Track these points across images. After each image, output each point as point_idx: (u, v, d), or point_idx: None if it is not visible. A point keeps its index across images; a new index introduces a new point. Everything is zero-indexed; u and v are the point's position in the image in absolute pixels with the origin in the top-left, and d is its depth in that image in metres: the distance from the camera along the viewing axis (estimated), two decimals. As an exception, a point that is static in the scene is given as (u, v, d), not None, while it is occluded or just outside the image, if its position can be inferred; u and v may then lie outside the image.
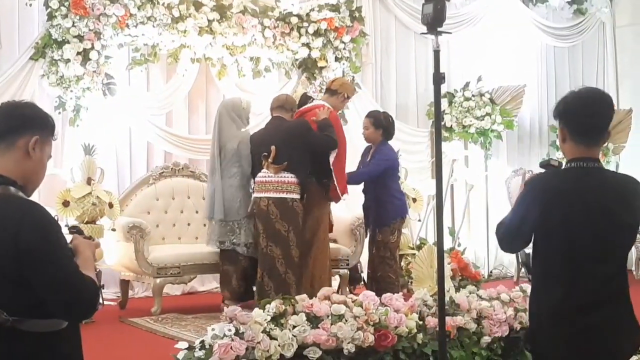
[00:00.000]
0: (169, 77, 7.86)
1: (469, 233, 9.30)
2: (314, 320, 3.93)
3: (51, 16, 6.81)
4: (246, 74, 7.95)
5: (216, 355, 3.61)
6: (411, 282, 6.14)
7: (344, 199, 6.42)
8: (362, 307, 4.10)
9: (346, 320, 3.98)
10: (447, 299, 4.36)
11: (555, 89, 10.25)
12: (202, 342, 3.72)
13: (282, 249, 6.01)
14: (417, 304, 4.39)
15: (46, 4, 6.82)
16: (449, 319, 4.21)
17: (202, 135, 7.91)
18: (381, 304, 4.26)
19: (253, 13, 7.72)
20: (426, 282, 5.26)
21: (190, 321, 6.21)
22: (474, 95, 9.11)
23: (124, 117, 7.44)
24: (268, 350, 3.68)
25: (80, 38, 6.85)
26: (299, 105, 6.53)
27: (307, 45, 8.04)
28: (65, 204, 6.32)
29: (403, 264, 7.20)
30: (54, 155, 2.81)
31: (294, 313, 3.94)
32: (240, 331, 3.73)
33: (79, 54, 6.85)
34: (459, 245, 8.40)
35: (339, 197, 6.32)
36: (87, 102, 6.97)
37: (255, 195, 6.20)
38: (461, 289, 5.04)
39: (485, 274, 8.78)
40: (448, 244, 8.04)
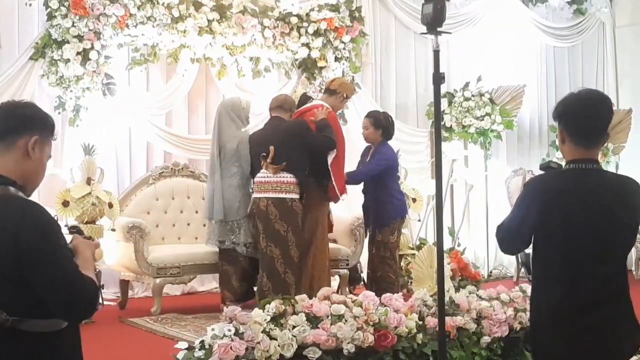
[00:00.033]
0: (169, 77, 7.85)
1: (468, 233, 9.30)
2: (313, 321, 3.93)
3: (51, 16, 6.81)
4: (246, 74, 7.94)
5: (216, 355, 3.61)
6: (411, 282, 6.14)
7: (342, 199, 6.41)
8: (362, 307, 4.10)
9: (346, 321, 3.97)
10: (447, 299, 4.36)
11: (555, 89, 10.25)
12: (202, 342, 3.72)
13: (281, 249, 6.01)
14: (417, 304, 4.39)
15: (46, 4, 6.82)
16: (448, 319, 4.21)
17: (201, 135, 7.90)
18: (381, 304, 4.26)
19: (253, 13, 7.71)
20: (426, 282, 5.25)
21: (190, 321, 6.20)
22: (473, 95, 9.11)
23: (123, 117, 7.44)
24: (268, 351, 3.68)
25: (80, 38, 6.85)
26: (298, 105, 6.53)
27: (307, 45, 8.04)
28: (65, 204, 6.32)
29: (403, 264, 7.19)
30: (54, 155, 2.81)
31: (294, 313, 3.94)
32: (240, 331, 3.73)
33: (78, 54, 6.84)
34: (459, 245, 8.41)
35: (337, 197, 6.32)
36: (87, 102, 6.97)
37: (254, 195, 6.20)
38: (461, 289, 5.03)
39: (485, 274, 8.77)
40: (448, 244, 8.05)
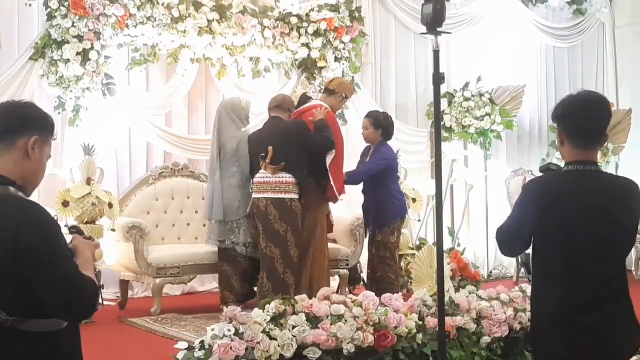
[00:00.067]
0: (169, 77, 7.85)
1: (468, 233, 9.30)
2: (313, 321, 3.93)
3: (51, 16, 6.81)
4: (246, 74, 7.94)
5: (215, 355, 3.61)
6: (411, 282, 6.14)
7: (341, 199, 6.42)
8: (362, 307, 4.09)
9: (346, 321, 3.97)
10: (447, 299, 4.36)
11: (555, 89, 10.25)
12: (202, 342, 3.72)
13: (280, 249, 6.01)
14: (417, 304, 4.39)
15: (46, 4, 6.82)
16: (448, 319, 4.21)
17: (201, 135, 7.90)
18: (381, 304, 4.25)
19: (252, 13, 7.71)
20: (426, 282, 5.25)
21: (190, 321, 6.20)
22: (473, 96, 9.11)
23: (123, 117, 7.44)
24: (267, 351, 3.68)
25: (80, 38, 6.85)
26: (298, 105, 6.52)
27: (307, 45, 8.04)
28: (65, 204, 6.32)
29: (402, 264, 7.19)
30: (54, 155, 2.81)
31: (294, 313, 3.94)
32: (240, 331, 3.72)
33: (78, 54, 6.84)
34: (459, 245, 8.41)
35: (336, 197, 6.31)
36: (87, 102, 6.97)
37: (253, 195, 6.20)
38: (461, 289, 5.03)
39: (484, 274, 8.77)
40: (447, 244, 8.06)
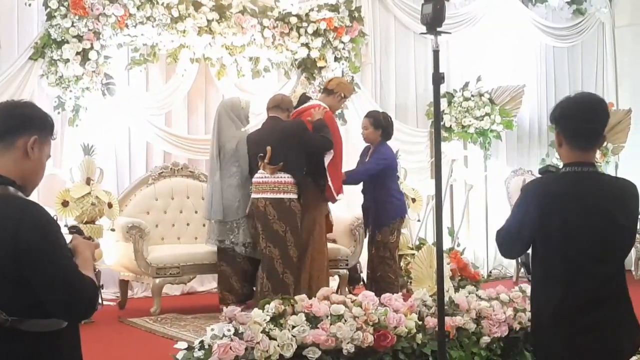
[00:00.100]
0: (168, 77, 7.85)
1: (468, 233, 9.30)
2: (313, 321, 3.93)
3: (50, 16, 6.80)
4: (245, 74, 7.94)
5: (215, 356, 3.61)
6: (410, 282, 6.13)
7: (339, 199, 6.41)
8: (362, 307, 4.09)
9: (345, 321, 3.97)
10: (447, 299, 4.36)
11: (555, 89, 10.25)
12: (202, 342, 3.72)
13: (280, 249, 6.01)
14: (417, 304, 4.39)
15: (45, 4, 6.81)
16: (448, 319, 4.21)
17: (201, 135, 7.90)
18: (380, 304, 4.25)
19: (252, 13, 7.71)
20: (425, 282, 5.25)
21: (190, 321, 6.20)
22: (473, 96, 9.10)
23: (123, 117, 7.43)
24: (267, 351, 3.68)
25: (80, 38, 6.84)
26: (297, 105, 6.52)
27: (307, 45, 8.04)
28: (65, 204, 6.31)
29: (402, 264, 7.19)
30: (53, 155, 2.81)
31: (293, 313, 3.94)
32: (240, 331, 3.72)
33: (78, 54, 6.84)
34: (458, 245, 8.41)
35: (334, 198, 6.31)
36: (87, 102, 6.97)
37: (252, 196, 6.20)
38: (460, 289, 5.03)
39: (484, 274, 8.77)
40: (447, 244, 8.06)
